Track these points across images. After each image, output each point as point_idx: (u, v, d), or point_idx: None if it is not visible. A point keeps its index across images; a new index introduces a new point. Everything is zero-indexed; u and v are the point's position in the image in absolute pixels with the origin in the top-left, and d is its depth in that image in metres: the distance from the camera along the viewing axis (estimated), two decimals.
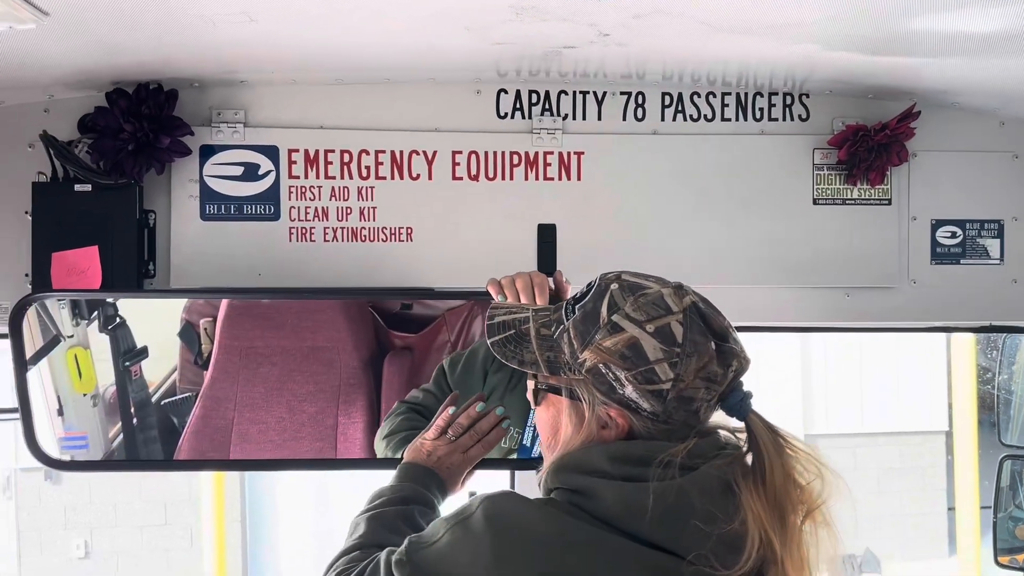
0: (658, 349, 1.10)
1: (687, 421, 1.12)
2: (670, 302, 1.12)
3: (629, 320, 1.11)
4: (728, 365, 1.13)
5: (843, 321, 1.99)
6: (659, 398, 1.10)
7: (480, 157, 1.88)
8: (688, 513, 1.07)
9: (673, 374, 1.10)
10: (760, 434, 1.13)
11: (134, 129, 1.75)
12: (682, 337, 1.10)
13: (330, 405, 1.83)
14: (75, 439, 1.78)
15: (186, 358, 1.87)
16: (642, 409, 1.11)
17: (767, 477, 1.10)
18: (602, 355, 1.11)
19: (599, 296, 1.15)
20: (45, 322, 1.82)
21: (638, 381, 1.10)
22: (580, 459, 1.13)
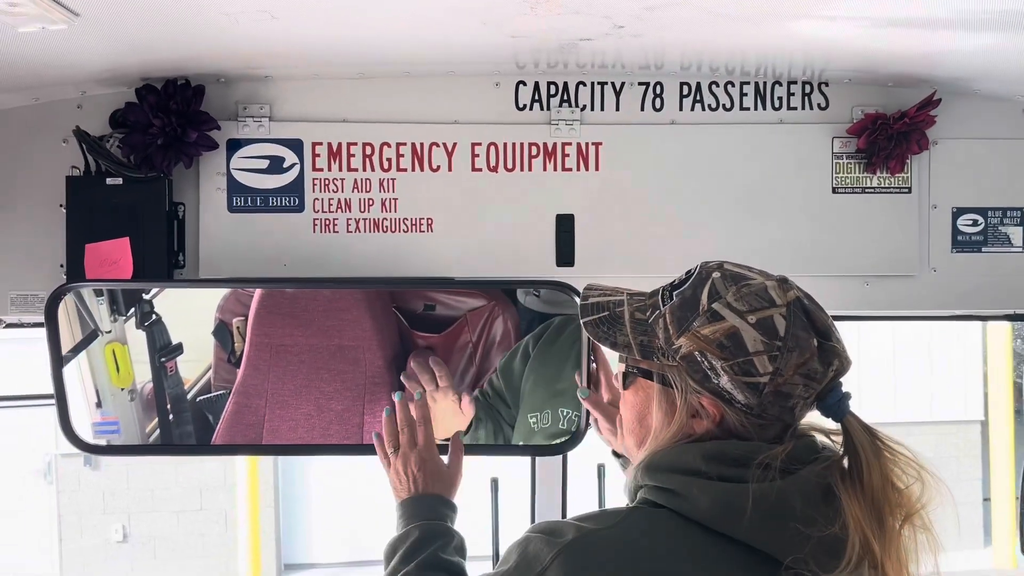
0: (759, 341, 1.07)
1: (781, 417, 1.10)
2: (774, 294, 1.10)
3: (730, 309, 1.09)
4: (829, 364, 1.11)
5: (862, 310, 1.99)
6: (755, 391, 1.08)
7: (499, 149, 1.90)
8: (788, 516, 1.05)
9: (772, 368, 1.07)
10: (857, 436, 1.11)
11: (163, 124, 1.80)
12: (784, 331, 1.08)
13: (356, 403, 1.87)
14: (108, 424, 1.84)
15: (220, 356, 1.92)
16: (736, 401, 1.09)
17: (865, 480, 1.08)
18: (699, 343, 1.09)
19: (699, 283, 1.13)
20: (83, 316, 1.89)
21: (735, 372, 1.08)
22: (673, 458, 1.11)
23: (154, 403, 1.97)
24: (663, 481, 1.10)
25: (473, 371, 1.91)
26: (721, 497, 1.06)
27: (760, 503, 1.04)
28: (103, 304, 1.92)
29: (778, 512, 1.05)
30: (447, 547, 1.36)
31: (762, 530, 1.05)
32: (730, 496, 1.06)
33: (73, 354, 1.90)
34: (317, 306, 1.91)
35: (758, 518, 1.04)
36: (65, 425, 1.74)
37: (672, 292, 1.16)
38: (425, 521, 1.38)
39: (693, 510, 1.07)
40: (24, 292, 1.89)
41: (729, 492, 1.06)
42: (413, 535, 1.36)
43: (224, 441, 1.92)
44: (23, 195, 1.89)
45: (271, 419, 1.92)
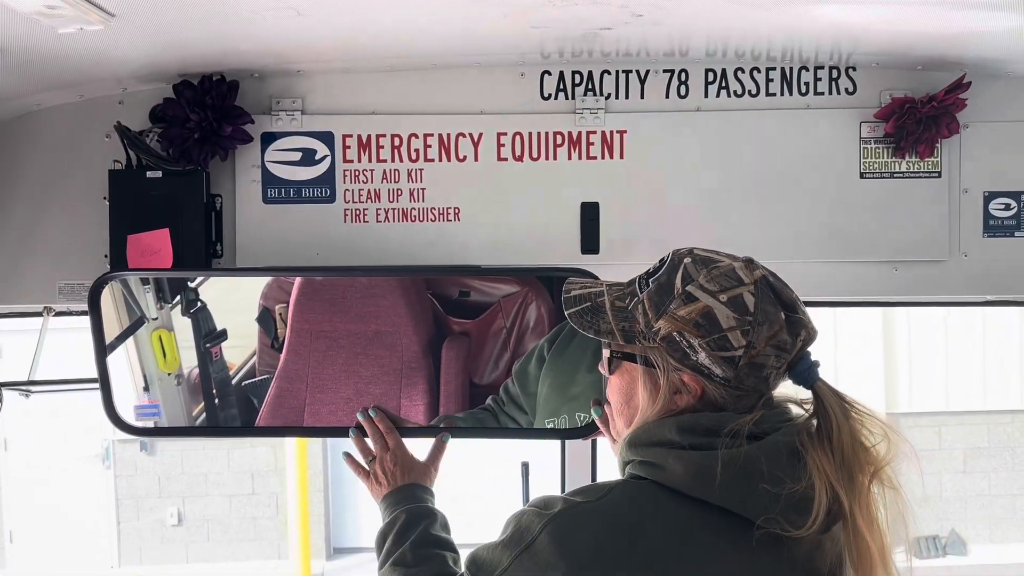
0: (731, 318, 1.15)
1: (757, 387, 1.18)
2: (741, 274, 1.18)
3: (703, 290, 1.16)
4: (797, 335, 1.18)
5: (892, 295, 1.98)
6: (731, 364, 1.15)
7: (524, 138, 1.93)
8: (756, 478, 1.12)
9: (745, 341, 1.15)
10: (827, 399, 1.18)
11: (199, 119, 1.86)
12: (754, 307, 1.15)
13: (393, 387, 1.92)
14: (149, 407, 1.91)
15: (264, 342, 1.99)
16: (715, 375, 1.16)
17: (835, 439, 1.15)
18: (676, 324, 1.16)
19: (672, 269, 1.20)
20: (130, 304, 1.97)
21: (711, 348, 1.15)
22: (652, 432, 1.19)
23: (200, 387, 2.04)
24: (643, 455, 1.18)
25: (507, 356, 1.94)
26: (693, 464, 1.14)
27: (729, 467, 1.11)
28: (149, 292, 1.99)
29: (746, 474, 1.12)
30: (434, 524, 1.47)
31: (733, 492, 1.12)
32: (701, 462, 1.13)
33: (120, 340, 1.98)
34: (354, 293, 1.96)
35: (727, 481, 1.12)
36: (109, 408, 1.82)
37: (648, 279, 1.23)
38: (409, 506, 1.50)
39: (670, 479, 1.15)
40: (71, 281, 1.97)
41: (700, 459, 1.13)
42: (400, 519, 1.47)
43: (267, 424, 1.99)
44: (70, 189, 1.97)
45: (312, 403, 1.98)
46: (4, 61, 1.60)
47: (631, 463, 1.21)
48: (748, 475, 1.12)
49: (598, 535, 1.14)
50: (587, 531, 1.14)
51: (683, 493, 1.14)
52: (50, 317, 2.06)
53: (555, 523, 1.15)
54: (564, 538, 1.14)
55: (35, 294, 1.99)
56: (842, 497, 1.13)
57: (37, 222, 1.97)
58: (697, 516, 1.14)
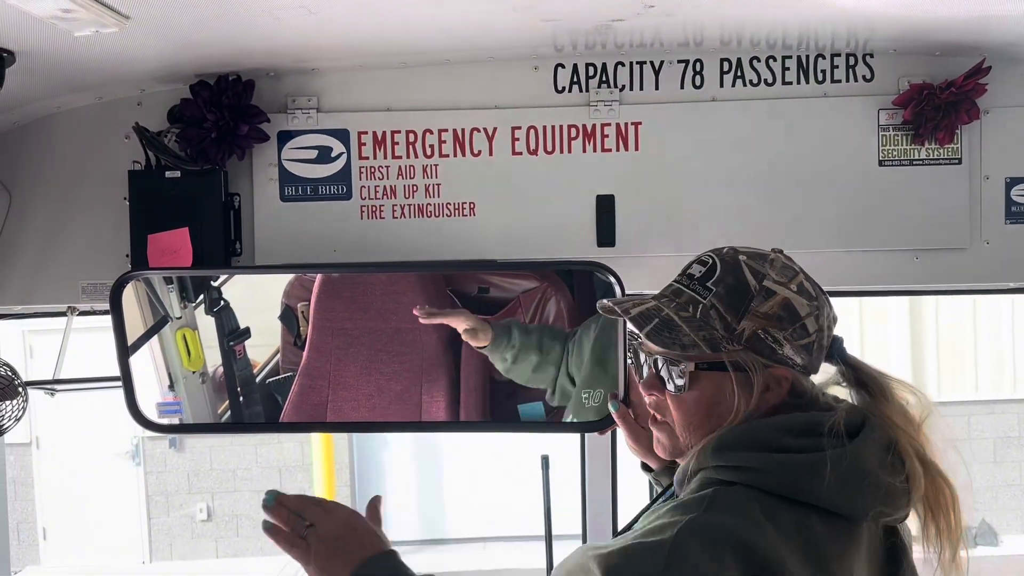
0: (805, 305, 1.18)
1: (816, 369, 1.22)
2: (790, 263, 1.22)
3: (777, 283, 1.18)
4: (832, 312, 1.23)
5: (912, 284, 1.96)
6: (808, 351, 1.19)
7: (538, 132, 1.93)
8: (863, 477, 1.13)
9: (817, 326, 1.19)
10: (864, 369, 1.23)
11: (216, 118, 1.88)
12: (814, 290, 1.20)
13: (414, 384, 1.93)
14: (171, 404, 1.94)
15: (287, 340, 2.00)
16: (797, 365, 1.19)
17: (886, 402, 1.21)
18: (760, 321, 1.17)
19: (735, 268, 1.20)
20: (153, 303, 1.99)
21: (793, 338, 1.17)
22: (745, 436, 1.15)
23: (224, 385, 2.06)
24: (735, 460, 1.14)
25: None
26: (799, 466, 1.12)
27: (837, 467, 1.11)
28: (173, 292, 2.02)
29: (855, 474, 1.12)
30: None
31: (842, 493, 1.12)
32: (808, 463, 1.12)
33: (144, 339, 2.01)
34: (374, 290, 1.97)
35: (836, 482, 1.10)
36: (131, 406, 1.84)
37: (704, 284, 1.21)
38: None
39: (769, 482, 1.12)
40: (93, 281, 1.99)
41: (806, 460, 1.12)
42: None
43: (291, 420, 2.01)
44: (91, 190, 1.99)
45: (334, 399, 2.00)
46: (23, 65, 1.62)
47: (711, 468, 1.16)
48: (857, 475, 1.12)
49: (727, 541, 1.07)
50: (714, 540, 1.07)
51: (781, 496, 1.11)
52: (74, 317, 2.09)
53: (678, 543, 1.07)
54: (698, 552, 1.06)
55: (59, 294, 2.02)
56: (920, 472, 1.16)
57: (60, 223, 2.00)
58: (804, 517, 1.11)
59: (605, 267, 1.71)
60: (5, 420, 1.81)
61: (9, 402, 1.81)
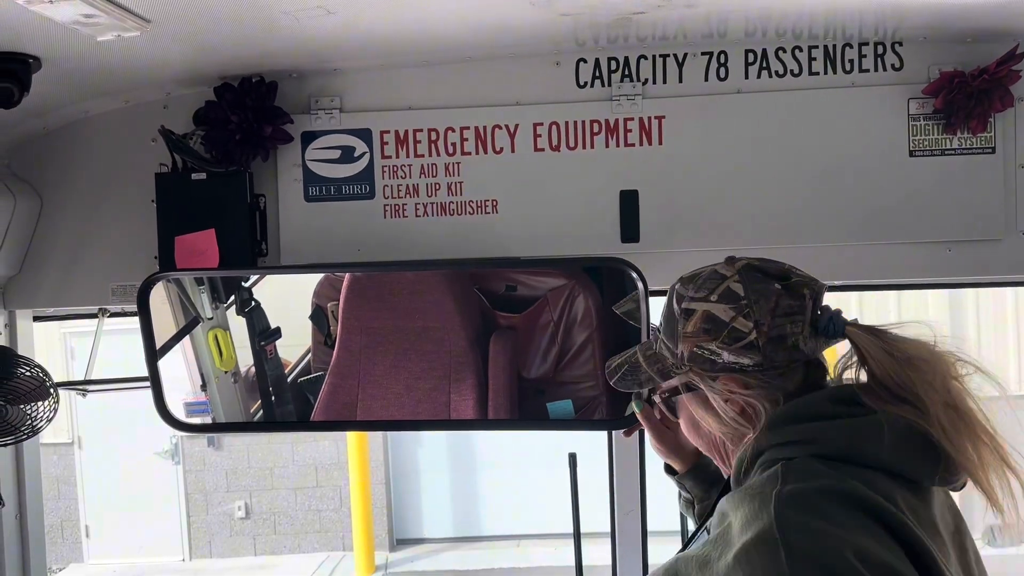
0: (728, 309, 1.19)
1: (791, 358, 1.19)
2: (722, 271, 1.22)
3: (694, 300, 1.21)
4: (801, 296, 1.19)
5: (946, 276, 1.92)
6: (753, 348, 1.17)
7: (561, 127, 1.91)
8: (916, 439, 1.13)
9: (751, 323, 1.17)
10: (861, 341, 1.18)
11: (239, 120, 1.89)
12: (743, 291, 1.19)
13: (442, 382, 1.93)
14: (199, 404, 1.96)
15: (318, 340, 2.02)
16: (746, 367, 1.19)
17: (880, 374, 1.16)
18: (690, 339, 1.21)
19: (669, 300, 1.26)
20: (184, 303, 2.01)
21: (728, 343, 1.18)
22: (797, 408, 1.18)
23: (256, 385, 2.08)
24: (792, 434, 1.16)
25: (555, 350, 1.94)
26: (855, 429, 1.14)
27: (893, 427, 1.12)
28: (205, 293, 2.04)
29: (908, 434, 1.12)
30: None
31: (901, 453, 1.13)
32: (863, 426, 1.13)
33: (176, 340, 2.03)
34: (402, 289, 1.98)
35: (894, 442, 1.12)
36: (160, 406, 1.86)
37: (661, 321, 1.29)
38: None
39: (831, 448, 1.13)
40: (123, 283, 2.02)
41: (861, 424, 1.14)
42: None
43: (321, 419, 2.02)
44: (120, 193, 2.02)
45: (364, 398, 2.00)
46: (50, 71, 1.64)
47: (772, 448, 1.17)
48: (913, 436, 1.13)
49: (827, 503, 1.07)
50: (814, 503, 1.07)
51: (844, 460, 1.12)
52: (105, 318, 2.13)
53: (782, 518, 1.06)
54: (804, 518, 1.06)
55: (89, 296, 2.05)
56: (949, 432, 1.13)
57: (90, 226, 2.03)
58: (872, 477, 1.11)
59: (628, 263, 1.69)
60: (38, 421, 1.84)
61: (41, 403, 1.84)
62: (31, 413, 1.84)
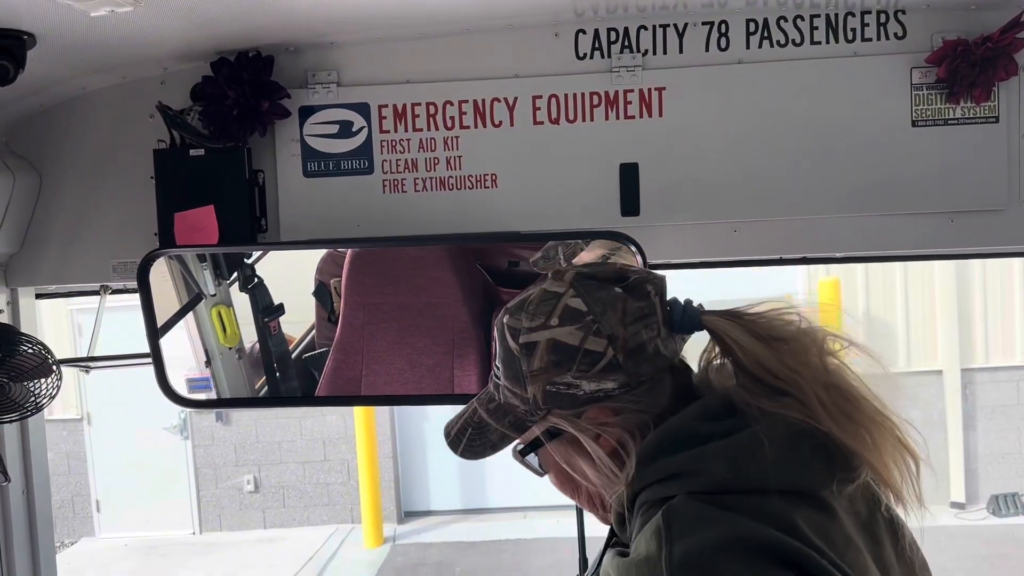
0: (574, 332, 1.03)
1: (656, 367, 1.06)
2: (553, 289, 1.07)
3: (532, 331, 1.05)
4: (645, 294, 1.07)
5: (948, 248, 1.91)
6: (614, 368, 1.03)
7: (560, 100, 1.90)
8: (801, 441, 1.00)
9: (604, 339, 1.03)
10: (722, 328, 1.06)
11: (237, 95, 1.88)
12: (585, 304, 1.05)
13: (445, 357, 1.94)
14: (201, 379, 1.97)
15: (321, 316, 2.02)
16: (611, 391, 1.04)
17: (747, 363, 1.03)
18: (540, 378, 1.05)
19: (501, 338, 1.09)
20: (187, 280, 2.01)
21: (586, 370, 1.03)
22: (665, 438, 1.03)
23: (261, 361, 2.09)
24: (666, 468, 1.01)
25: None
26: (733, 449, 0.99)
27: (772, 438, 0.98)
28: (207, 270, 2.04)
29: (792, 440, 0.99)
30: None
31: (787, 466, 0.99)
32: (740, 446, 0.99)
33: (179, 316, 2.04)
34: (404, 265, 1.97)
35: (777, 456, 0.98)
36: (162, 382, 1.87)
37: (495, 365, 1.12)
38: None
39: (712, 479, 0.98)
40: (124, 260, 2.02)
41: (738, 442, 0.99)
42: None
43: (326, 395, 2.02)
44: (119, 169, 2.01)
45: (368, 374, 2.01)
46: (45, 48, 1.63)
47: (647, 489, 1.03)
48: (794, 443, 0.99)
49: (724, 560, 0.92)
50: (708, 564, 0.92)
51: (730, 491, 0.97)
52: (107, 295, 2.13)
53: None
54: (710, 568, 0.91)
55: (91, 273, 2.05)
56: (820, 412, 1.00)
57: (90, 203, 2.03)
58: (765, 503, 0.96)
59: (626, 236, 1.69)
60: (41, 398, 1.85)
61: (44, 380, 1.85)
62: (34, 390, 1.85)
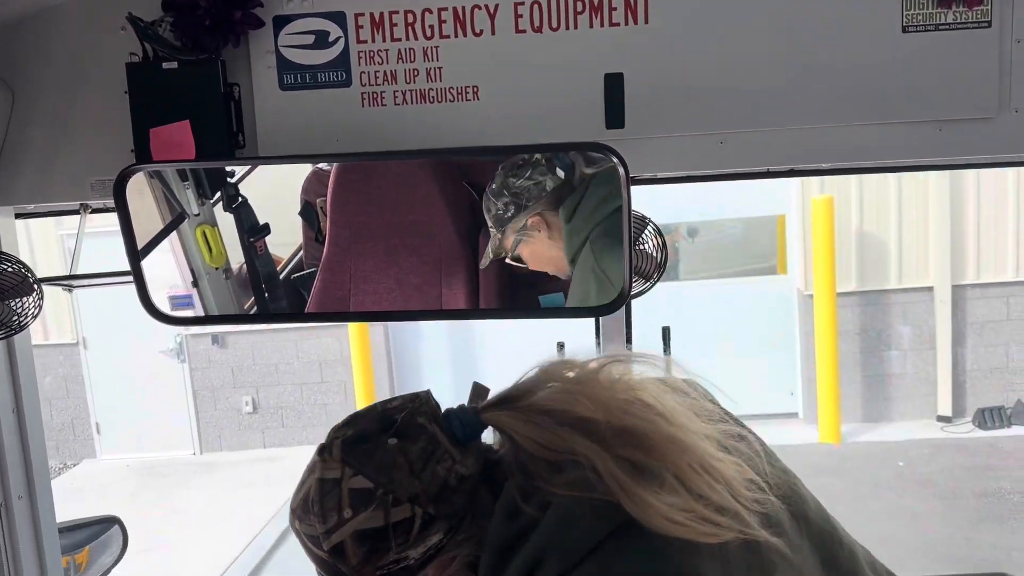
0: (373, 513, 0.98)
1: (467, 490, 1.02)
2: (330, 475, 1.01)
3: (332, 533, 1.00)
4: (419, 429, 1.02)
5: (935, 157, 1.88)
6: (430, 523, 1.00)
7: (543, 7, 1.84)
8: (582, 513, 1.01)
9: (406, 503, 0.99)
10: (503, 423, 1.04)
11: (208, 4, 1.82)
12: (369, 478, 0.99)
13: (433, 276, 1.93)
14: (183, 296, 1.96)
15: (308, 236, 2.00)
16: (439, 543, 1.01)
17: (523, 447, 1.01)
18: (365, 569, 1.00)
19: (304, 548, 1.04)
20: (170, 199, 1.99)
21: (404, 541, 1.00)
22: (494, 549, 1.00)
23: (249, 281, 2.08)
24: (519, 570, 0.99)
25: None
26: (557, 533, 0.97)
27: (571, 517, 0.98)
28: (189, 189, 2.01)
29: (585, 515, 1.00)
30: None
31: None
32: (556, 527, 0.97)
33: (162, 236, 2.02)
34: (389, 183, 1.95)
35: None
36: (144, 299, 1.86)
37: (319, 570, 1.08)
38: None
39: (566, 558, 0.96)
40: (102, 178, 1.99)
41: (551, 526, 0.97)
42: None
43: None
44: (93, 85, 1.96)
45: (356, 293, 2.00)
46: None
47: None
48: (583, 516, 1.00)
49: None
50: None
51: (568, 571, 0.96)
52: (87, 215, 2.11)
53: None
54: None
55: (69, 191, 2.02)
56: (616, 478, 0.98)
57: (65, 119, 1.99)
58: None
59: (609, 148, 1.65)
60: (24, 317, 1.85)
61: (26, 298, 1.84)
62: (17, 309, 1.84)
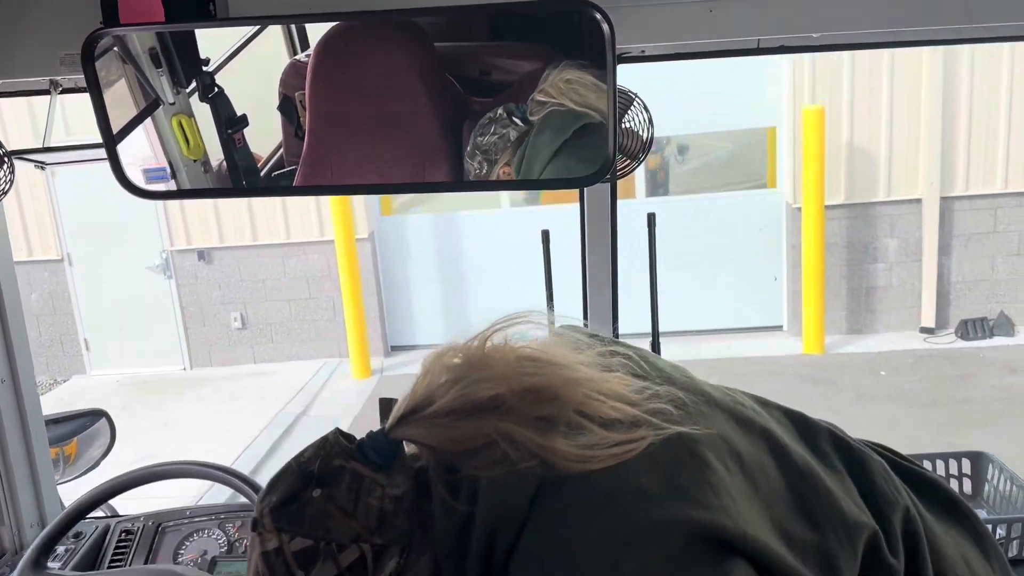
0: (324, 568, 0.97)
1: (405, 509, 1.02)
2: (268, 547, 0.97)
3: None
4: (338, 470, 1.00)
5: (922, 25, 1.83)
6: (382, 553, 0.99)
7: None
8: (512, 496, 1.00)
9: (349, 543, 0.98)
10: (416, 435, 1.02)
11: None
12: (309, 536, 0.98)
13: (416, 169, 1.89)
14: (157, 170, 1.93)
15: (288, 131, 1.95)
16: (397, 567, 1.00)
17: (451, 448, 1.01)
18: None
19: None
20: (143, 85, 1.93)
21: (378, 569, 0.99)
22: (442, 541, 1.01)
23: (228, 175, 2.05)
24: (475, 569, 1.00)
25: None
26: None
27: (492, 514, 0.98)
28: (163, 75, 1.96)
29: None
30: None
31: None
32: None
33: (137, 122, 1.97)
34: (369, 74, 1.89)
35: None
36: (117, 172, 1.82)
37: None
38: None
39: None
40: (72, 52, 1.92)
41: None
42: None
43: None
44: None
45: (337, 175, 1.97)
46: None
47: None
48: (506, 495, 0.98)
49: None
50: None
51: None
52: (57, 94, 2.05)
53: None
54: None
55: (37, 66, 1.96)
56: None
57: None
58: None
59: (593, 5, 1.60)
60: None
61: None
62: None
